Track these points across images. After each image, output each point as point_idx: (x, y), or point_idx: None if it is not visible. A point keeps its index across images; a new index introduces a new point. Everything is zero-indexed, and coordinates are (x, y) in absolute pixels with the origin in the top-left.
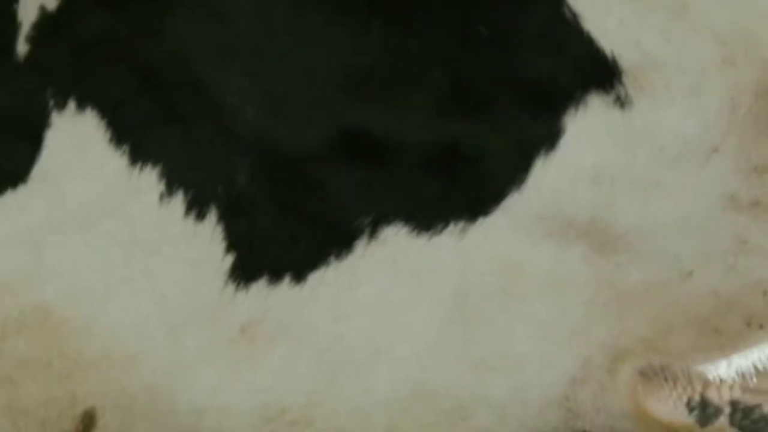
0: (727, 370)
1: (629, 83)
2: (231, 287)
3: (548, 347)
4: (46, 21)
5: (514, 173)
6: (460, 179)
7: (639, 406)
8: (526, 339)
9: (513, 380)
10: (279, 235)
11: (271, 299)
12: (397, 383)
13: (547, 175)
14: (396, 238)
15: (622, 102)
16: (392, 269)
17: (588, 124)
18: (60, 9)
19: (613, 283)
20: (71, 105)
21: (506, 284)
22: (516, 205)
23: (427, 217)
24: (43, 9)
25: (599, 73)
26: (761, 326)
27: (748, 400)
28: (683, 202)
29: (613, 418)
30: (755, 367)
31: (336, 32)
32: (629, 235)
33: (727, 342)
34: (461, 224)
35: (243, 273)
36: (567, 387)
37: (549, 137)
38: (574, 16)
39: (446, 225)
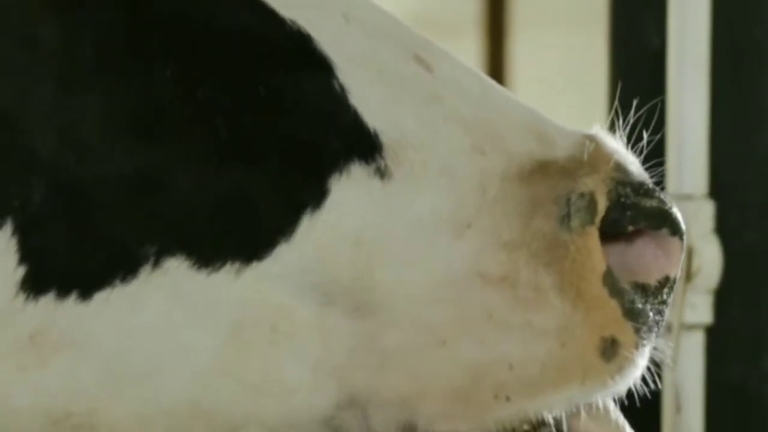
0: None
1: (389, 157)
2: (21, 297)
3: (314, 379)
4: None
5: (284, 226)
6: (235, 225)
7: None
8: (295, 371)
9: (282, 404)
10: (69, 254)
11: (59, 312)
12: (176, 398)
13: (312, 232)
14: (178, 269)
15: (382, 173)
16: (173, 297)
17: (351, 189)
18: None
19: (375, 338)
20: None
21: (276, 324)
22: (285, 255)
23: (206, 254)
24: None
25: (362, 145)
26: (508, 398)
27: None
28: (437, 273)
29: None
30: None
31: (133, 71)
32: (388, 298)
33: (475, 412)
34: (237, 265)
35: (33, 285)
36: (333, 410)
37: (316, 197)
38: (342, 89)
39: (223, 264)
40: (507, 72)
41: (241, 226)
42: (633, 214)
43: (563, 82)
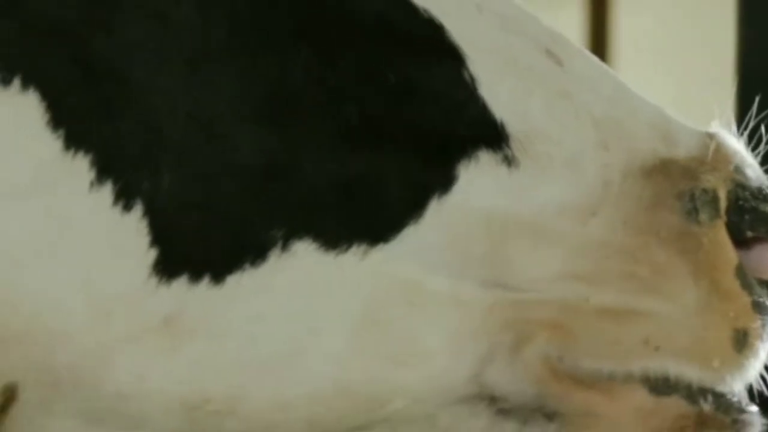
0: None
1: (515, 147)
2: (154, 280)
3: (453, 342)
4: None
5: (411, 209)
6: (362, 208)
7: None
8: (432, 338)
9: (425, 372)
10: (199, 237)
11: (192, 296)
12: (316, 380)
13: (442, 213)
14: (306, 251)
15: (509, 161)
16: (303, 279)
17: (479, 175)
18: None
19: (511, 299)
20: (16, 83)
21: (410, 297)
22: (413, 236)
23: (333, 237)
24: None
25: (490, 134)
26: (657, 348)
27: None
28: (569, 247)
29: (523, 384)
30: None
31: (267, 54)
32: (522, 271)
33: (622, 353)
34: (363, 247)
35: (165, 268)
36: (476, 366)
37: (443, 182)
38: (472, 79)
39: (350, 246)
40: (610, 40)
41: (368, 209)
42: (751, 219)
43: (670, 52)
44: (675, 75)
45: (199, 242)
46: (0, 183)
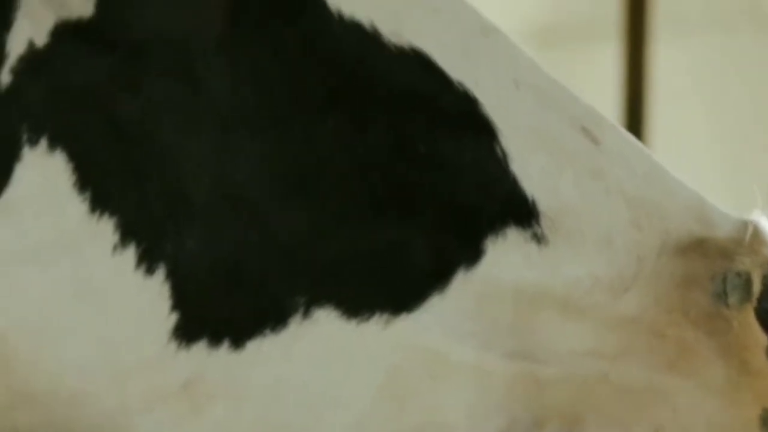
0: None
1: (546, 225)
2: (174, 344)
3: (474, 416)
4: (32, 56)
5: (436, 280)
6: (387, 278)
7: None
8: (452, 411)
9: None
10: (220, 302)
11: (211, 360)
12: None
13: (469, 285)
14: (327, 319)
15: (538, 239)
16: (324, 346)
17: (507, 251)
18: (47, 47)
19: (533, 373)
20: (43, 143)
21: (432, 369)
22: (437, 306)
23: (355, 305)
24: (31, 44)
25: (519, 210)
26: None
27: None
28: (598, 323)
29: None
30: None
31: (297, 120)
32: (549, 342)
33: None
34: (386, 315)
35: (185, 333)
36: None
37: (470, 256)
38: (504, 155)
39: (372, 314)
40: (647, 79)
41: (392, 278)
42: None
43: (708, 89)
44: (713, 113)
45: (220, 307)
46: (27, 245)
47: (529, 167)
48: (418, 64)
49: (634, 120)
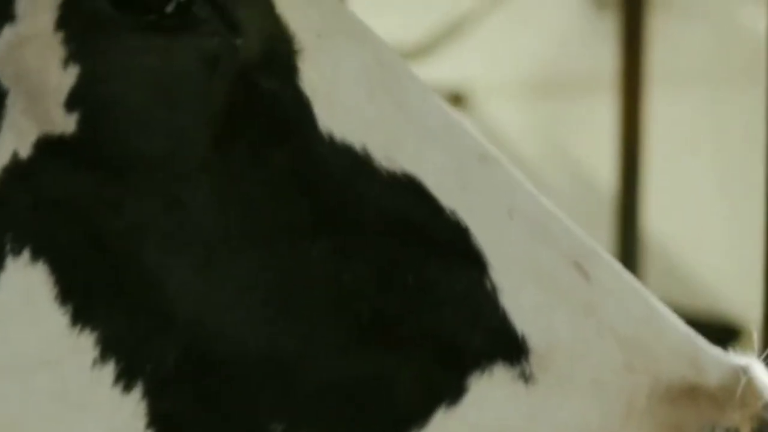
0: None
1: (535, 363)
2: None
3: None
4: (16, 167)
5: (417, 415)
6: (366, 408)
7: None
8: None
9: None
10: (197, 422)
11: None
12: None
13: (448, 423)
14: None
15: (526, 378)
16: None
17: (492, 390)
18: (31, 159)
19: None
20: (26, 254)
21: None
22: None
23: None
24: (15, 155)
25: (508, 347)
26: None
27: None
28: None
29: None
30: None
31: (283, 244)
32: None
33: None
34: None
35: None
36: None
37: (453, 392)
38: (494, 288)
39: None
40: (643, 132)
41: (372, 409)
42: None
43: (701, 143)
44: (708, 165)
45: (196, 426)
46: (6, 353)
47: (520, 302)
48: (411, 190)
49: (630, 172)
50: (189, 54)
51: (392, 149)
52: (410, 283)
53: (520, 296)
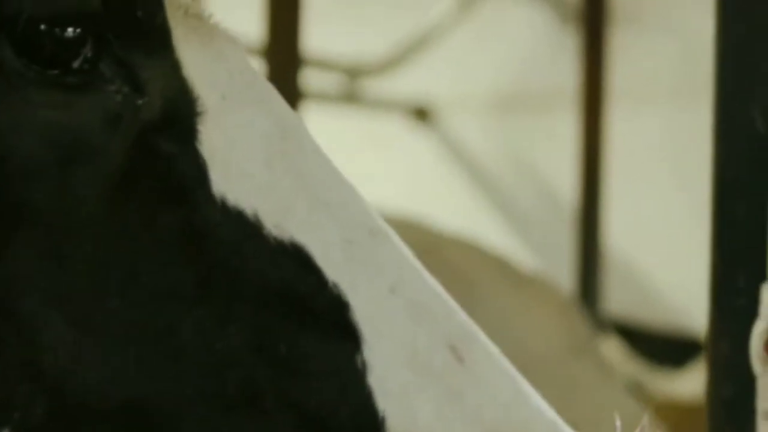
0: None
1: None
2: None
3: None
4: None
5: None
6: None
7: None
8: None
9: None
10: None
11: None
12: None
13: None
14: None
15: None
16: None
17: None
18: None
19: None
20: None
21: None
22: None
23: None
24: None
25: (367, 426)
26: None
27: None
28: None
29: None
30: None
31: (161, 305)
32: None
33: None
34: None
35: None
36: None
37: None
38: (364, 366)
39: None
40: (604, 149)
41: None
42: None
43: (662, 158)
44: (668, 182)
45: None
46: None
47: (388, 382)
48: (296, 260)
49: (592, 186)
50: (91, 111)
51: (283, 217)
52: (282, 353)
53: (389, 376)
